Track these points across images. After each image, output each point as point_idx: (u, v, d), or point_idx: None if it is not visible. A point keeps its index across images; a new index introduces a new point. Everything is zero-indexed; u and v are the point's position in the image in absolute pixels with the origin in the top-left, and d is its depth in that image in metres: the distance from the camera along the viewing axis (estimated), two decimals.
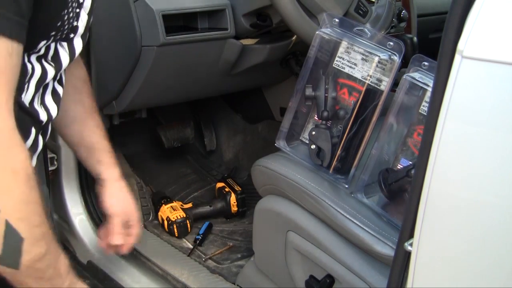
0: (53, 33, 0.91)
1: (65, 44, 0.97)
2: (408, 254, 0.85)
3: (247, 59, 1.68)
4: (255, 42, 1.67)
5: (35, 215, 0.82)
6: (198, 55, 1.61)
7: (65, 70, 1.02)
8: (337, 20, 1.23)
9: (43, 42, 0.90)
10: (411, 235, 0.83)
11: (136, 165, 2.06)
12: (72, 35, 0.97)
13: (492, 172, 0.74)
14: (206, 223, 1.82)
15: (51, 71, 0.95)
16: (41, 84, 0.95)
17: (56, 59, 0.96)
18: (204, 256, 1.69)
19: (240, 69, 1.72)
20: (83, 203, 1.75)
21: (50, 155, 1.66)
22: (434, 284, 0.83)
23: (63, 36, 0.94)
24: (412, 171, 1.03)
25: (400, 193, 1.12)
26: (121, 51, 1.57)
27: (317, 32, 1.23)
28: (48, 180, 1.58)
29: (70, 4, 0.91)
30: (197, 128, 2.28)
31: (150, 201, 1.93)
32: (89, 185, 1.75)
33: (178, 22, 1.56)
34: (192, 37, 1.54)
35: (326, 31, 1.22)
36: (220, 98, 2.29)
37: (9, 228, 0.78)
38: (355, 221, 1.13)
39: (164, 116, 2.25)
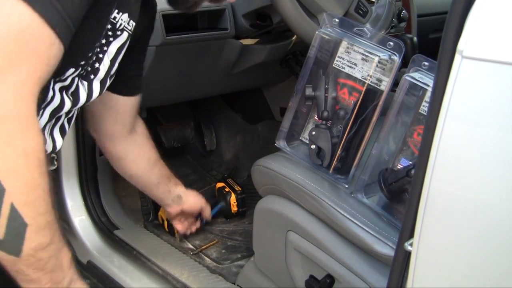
0: (82, 62, 0.92)
1: (85, 83, 1.00)
2: (408, 254, 0.85)
3: (247, 59, 1.68)
4: (255, 42, 1.68)
5: (42, 202, 0.79)
6: (198, 55, 1.61)
7: (78, 109, 1.05)
8: (337, 20, 1.23)
9: (71, 70, 0.91)
10: (411, 235, 0.83)
11: None
12: (92, 76, 0.99)
13: (492, 172, 0.74)
14: (219, 206, 1.83)
15: (68, 104, 0.96)
16: (55, 115, 0.95)
17: (75, 94, 0.98)
18: (194, 250, 1.70)
19: (240, 69, 1.71)
20: (83, 203, 1.75)
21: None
22: (434, 284, 0.83)
23: (86, 73, 0.97)
24: (412, 171, 1.03)
25: (400, 193, 1.12)
26: None
27: (317, 32, 1.23)
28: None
29: (102, 38, 0.92)
30: (197, 128, 2.28)
31: (150, 201, 1.92)
32: (89, 185, 1.75)
33: (178, 22, 1.56)
34: (192, 37, 1.54)
35: (326, 31, 1.22)
36: (220, 98, 2.29)
37: (13, 211, 0.75)
38: (355, 221, 1.13)
39: (164, 116, 2.25)
